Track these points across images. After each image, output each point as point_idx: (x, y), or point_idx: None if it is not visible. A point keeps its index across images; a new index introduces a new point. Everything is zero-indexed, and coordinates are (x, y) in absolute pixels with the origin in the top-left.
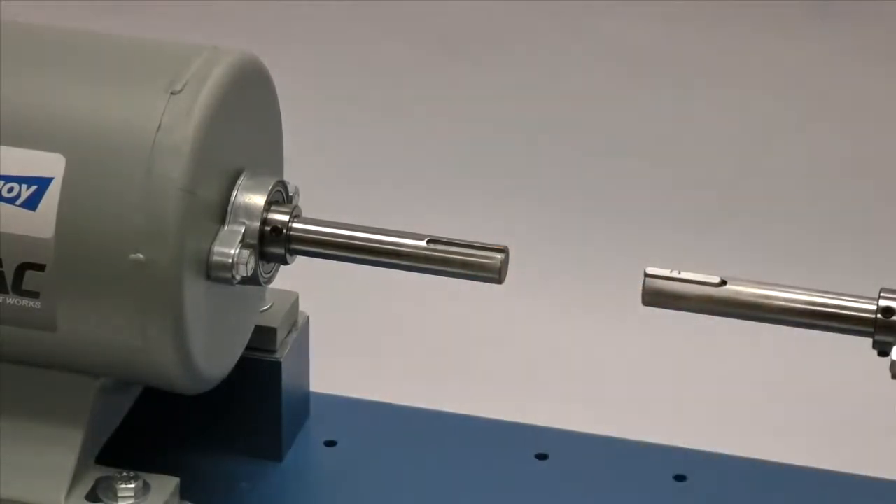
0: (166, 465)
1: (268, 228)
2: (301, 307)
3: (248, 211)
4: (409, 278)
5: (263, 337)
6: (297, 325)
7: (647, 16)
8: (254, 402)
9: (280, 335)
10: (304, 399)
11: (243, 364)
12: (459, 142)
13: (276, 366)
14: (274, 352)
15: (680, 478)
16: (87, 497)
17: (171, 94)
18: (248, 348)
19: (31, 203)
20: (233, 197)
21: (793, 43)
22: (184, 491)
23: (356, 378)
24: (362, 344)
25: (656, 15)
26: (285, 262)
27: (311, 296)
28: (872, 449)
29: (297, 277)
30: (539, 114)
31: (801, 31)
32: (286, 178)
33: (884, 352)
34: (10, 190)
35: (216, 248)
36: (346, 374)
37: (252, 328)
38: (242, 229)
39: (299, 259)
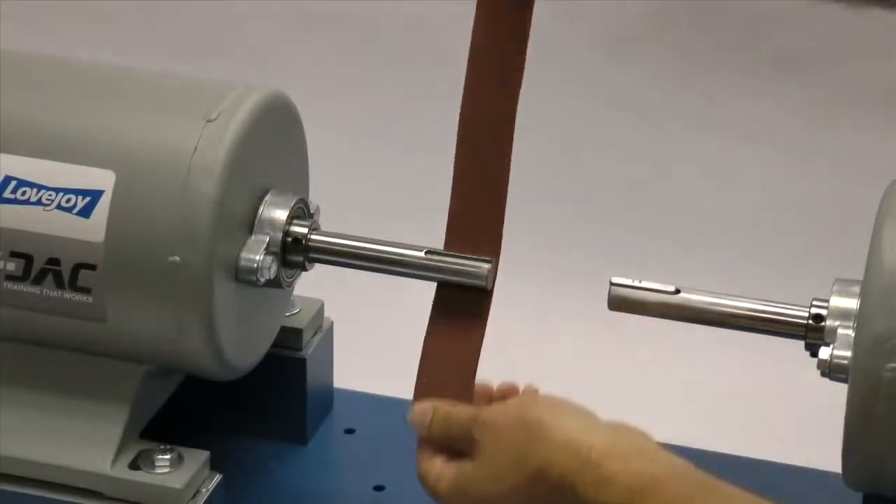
0: (207, 444)
1: (289, 239)
2: (326, 314)
3: (272, 223)
4: (417, 291)
5: (291, 337)
6: (322, 328)
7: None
8: (283, 392)
9: (306, 336)
10: (328, 392)
11: (275, 359)
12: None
13: (302, 362)
14: (300, 350)
15: None
16: (130, 465)
17: (207, 121)
18: (278, 346)
19: (86, 212)
20: (260, 211)
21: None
22: (222, 467)
23: (373, 376)
24: (379, 347)
25: None
26: (304, 269)
27: (336, 306)
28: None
29: (326, 289)
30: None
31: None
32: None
33: (814, 353)
34: (68, 200)
35: (243, 255)
36: (364, 372)
37: (278, 328)
38: (267, 239)
39: (326, 274)
